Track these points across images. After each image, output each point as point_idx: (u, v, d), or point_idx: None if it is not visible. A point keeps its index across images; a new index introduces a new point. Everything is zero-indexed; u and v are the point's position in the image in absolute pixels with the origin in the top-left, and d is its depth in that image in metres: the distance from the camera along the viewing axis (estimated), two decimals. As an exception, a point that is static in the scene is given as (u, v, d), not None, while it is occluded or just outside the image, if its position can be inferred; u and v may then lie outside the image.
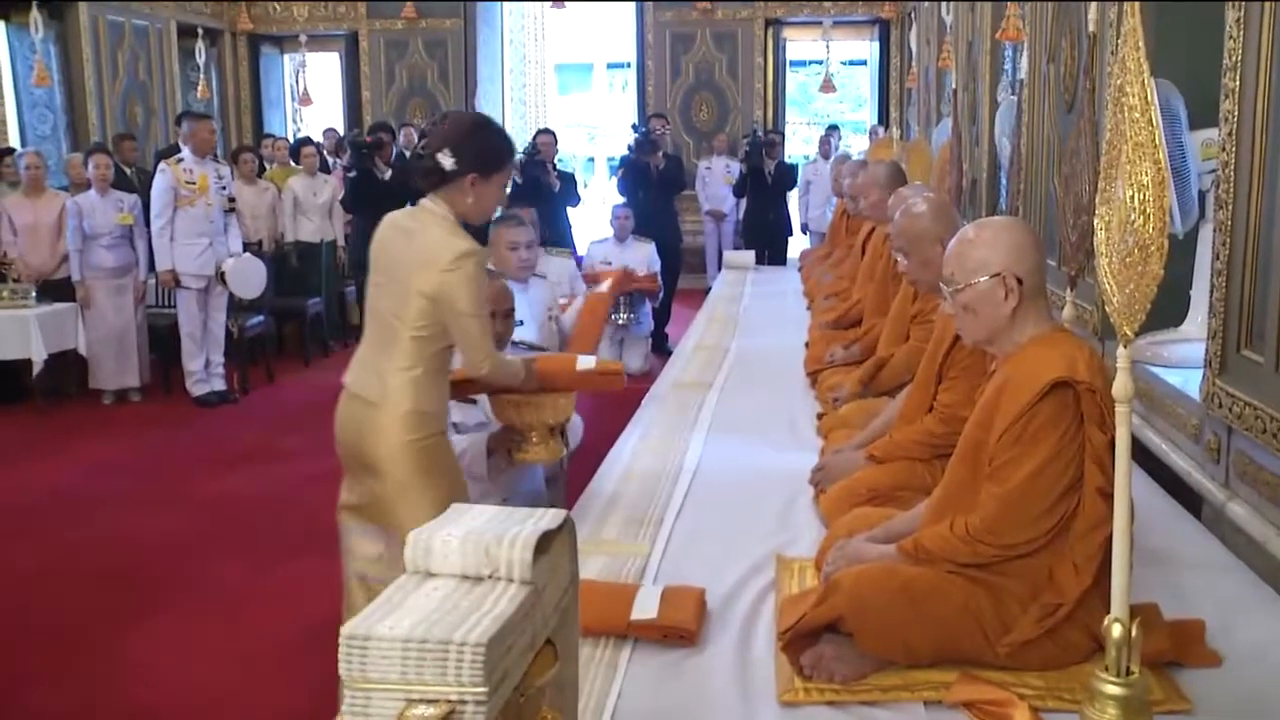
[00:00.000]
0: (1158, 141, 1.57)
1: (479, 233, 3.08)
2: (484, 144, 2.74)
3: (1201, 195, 3.27)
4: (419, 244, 2.70)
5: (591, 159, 21.99)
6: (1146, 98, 1.57)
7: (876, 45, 12.68)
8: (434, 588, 1.32)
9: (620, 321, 7.85)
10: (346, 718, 1.22)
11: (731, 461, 3.40)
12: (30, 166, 7.42)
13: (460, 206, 2.72)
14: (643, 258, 8.03)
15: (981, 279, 2.11)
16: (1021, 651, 1.99)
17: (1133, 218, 1.58)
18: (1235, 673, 2.04)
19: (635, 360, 7.86)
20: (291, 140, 11.09)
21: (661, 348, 8.37)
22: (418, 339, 2.69)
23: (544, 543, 1.37)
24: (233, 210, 7.52)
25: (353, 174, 7.90)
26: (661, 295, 8.40)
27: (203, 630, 3.98)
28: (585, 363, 3.01)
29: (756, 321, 6.11)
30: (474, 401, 3.34)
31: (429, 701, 1.20)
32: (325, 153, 10.51)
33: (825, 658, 2.01)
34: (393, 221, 2.81)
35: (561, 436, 3.22)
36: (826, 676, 1.99)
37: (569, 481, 4.05)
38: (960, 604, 2.01)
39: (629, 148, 9.38)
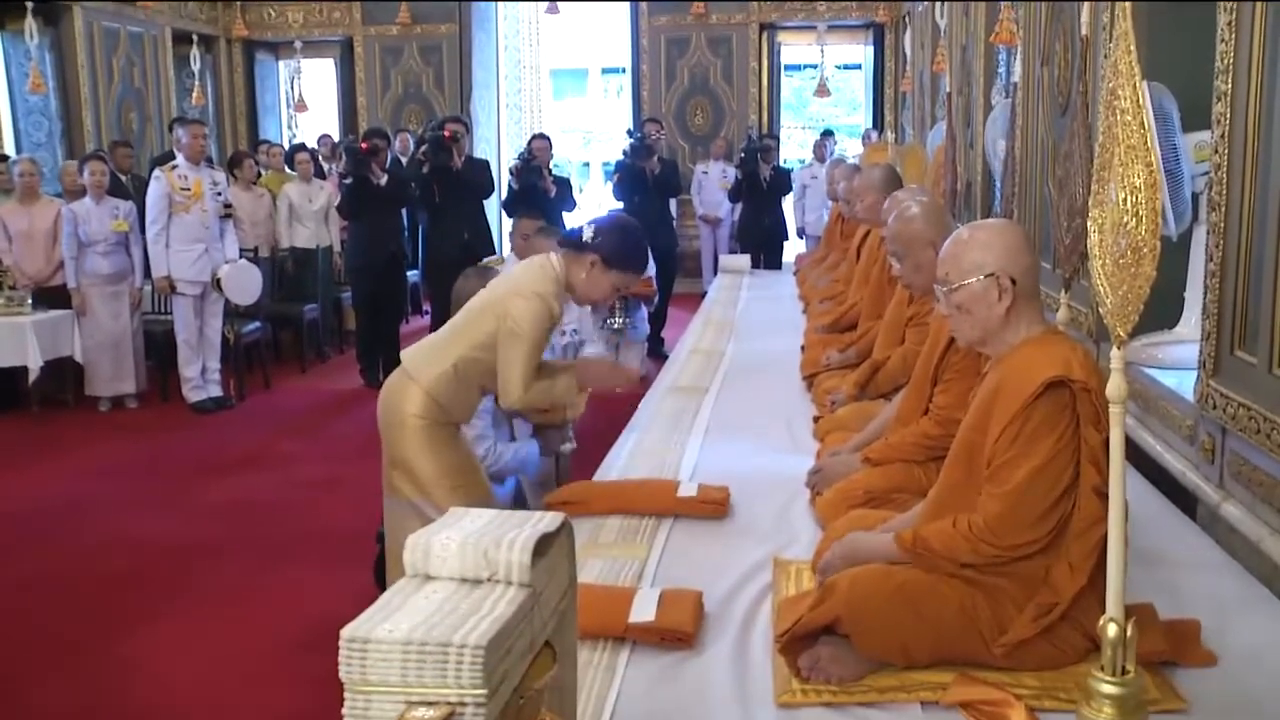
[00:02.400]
0: (1149, 144, 1.58)
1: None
2: (620, 242, 3.07)
3: (1195, 197, 3.29)
4: (517, 272, 3.11)
5: (587, 164, 21.96)
6: (1138, 100, 1.59)
7: (871, 49, 12.70)
8: (433, 590, 1.33)
9: (616, 326, 7.85)
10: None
11: (728, 465, 3.40)
12: (25, 174, 7.40)
13: (574, 276, 3.05)
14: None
15: (976, 279, 2.11)
16: (1017, 652, 1.99)
17: (1125, 219, 1.59)
18: (1230, 672, 2.05)
19: (631, 364, 7.86)
20: (287, 146, 11.09)
21: (658, 352, 8.38)
22: (472, 347, 3.01)
23: (542, 546, 1.38)
24: (229, 216, 7.52)
25: (349, 180, 7.91)
26: (658, 299, 8.42)
27: (202, 634, 3.98)
28: (687, 489, 3.06)
29: (752, 325, 6.11)
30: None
31: (429, 703, 1.21)
32: (320, 159, 10.51)
33: (822, 659, 2.02)
34: (522, 262, 3.22)
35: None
36: (824, 678, 2.00)
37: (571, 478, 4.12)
38: (957, 605, 2.01)
39: (624, 152, 9.39)
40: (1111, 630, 1.62)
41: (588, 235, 3.03)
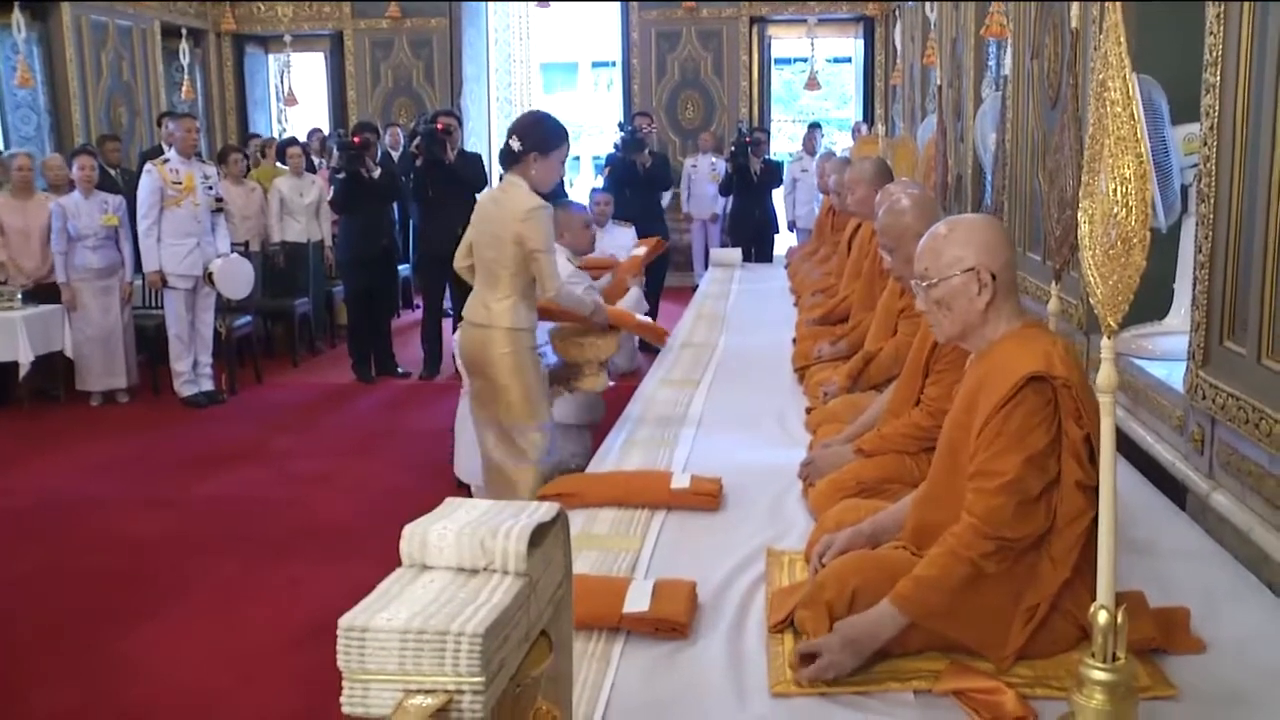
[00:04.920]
0: (1139, 135, 1.59)
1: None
2: (540, 130, 3.72)
3: (1184, 189, 3.30)
4: (505, 205, 3.67)
5: (577, 157, 21.92)
6: (1128, 92, 1.60)
7: (861, 43, 12.71)
8: (430, 580, 1.34)
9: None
10: (346, 708, 1.23)
11: (721, 457, 3.42)
12: (20, 168, 7.37)
13: (529, 178, 3.67)
14: (623, 243, 8.04)
15: (955, 274, 2.12)
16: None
17: (1115, 210, 1.60)
18: (1219, 659, 2.07)
19: (622, 358, 7.87)
20: (278, 140, 11.06)
21: (649, 345, 8.38)
22: (512, 275, 3.67)
23: (538, 535, 1.39)
24: (220, 210, 7.50)
25: (341, 175, 7.89)
26: (648, 291, 8.40)
27: (196, 630, 3.98)
28: (680, 481, 3.09)
29: (744, 319, 6.13)
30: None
31: (427, 691, 1.21)
32: (311, 153, 10.48)
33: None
34: (488, 195, 3.95)
35: (606, 372, 4.23)
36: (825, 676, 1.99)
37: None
38: (950, 608, 2.01)
39: (615, 146, 9.38)
40: (1102, 618, 1.64)
41: (517, 146, 3.63)
